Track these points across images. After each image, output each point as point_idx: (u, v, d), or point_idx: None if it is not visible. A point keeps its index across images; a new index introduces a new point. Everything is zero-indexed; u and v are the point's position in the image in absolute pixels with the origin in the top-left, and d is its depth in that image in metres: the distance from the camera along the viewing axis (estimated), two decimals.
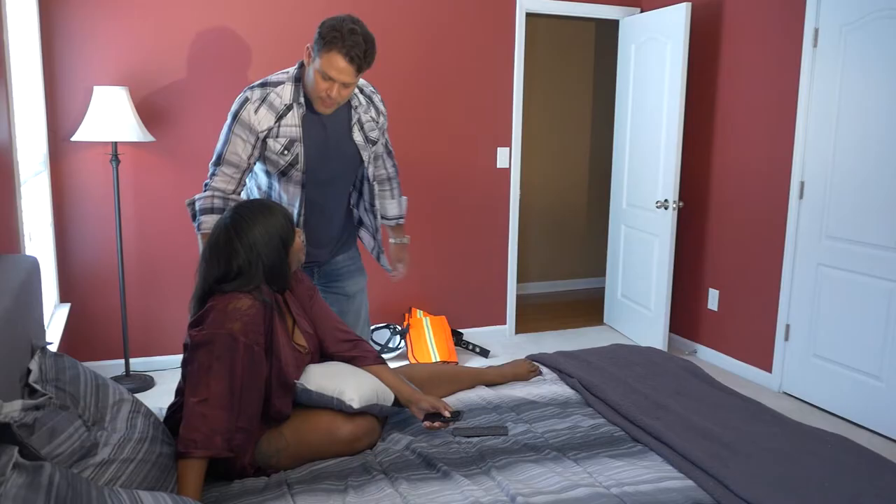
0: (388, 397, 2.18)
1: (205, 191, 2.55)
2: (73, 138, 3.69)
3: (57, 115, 3.88)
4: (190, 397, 1.87)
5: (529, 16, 5.74)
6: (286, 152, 2.53)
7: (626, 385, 2.56)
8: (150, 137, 3.80)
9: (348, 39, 2.36)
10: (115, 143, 3.81)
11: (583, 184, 6.63)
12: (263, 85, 2.53)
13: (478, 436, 2.21)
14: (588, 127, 6.57)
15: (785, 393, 4.13)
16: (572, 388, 2.61)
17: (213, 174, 2.55)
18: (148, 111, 4.04)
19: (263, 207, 2.10)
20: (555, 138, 6.45)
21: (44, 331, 2.20)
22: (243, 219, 2.06)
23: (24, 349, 1.90)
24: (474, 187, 4.85)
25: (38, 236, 3.53)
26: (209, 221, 2.50)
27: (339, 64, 2.37)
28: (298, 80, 2.54)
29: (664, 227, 4.61)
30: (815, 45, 3.83)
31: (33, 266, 2.22)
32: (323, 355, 2.28)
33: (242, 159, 2.52)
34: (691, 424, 2.24)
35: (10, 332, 1.76)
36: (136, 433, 1.83)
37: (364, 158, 2.72)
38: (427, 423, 2.16)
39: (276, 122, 2.49)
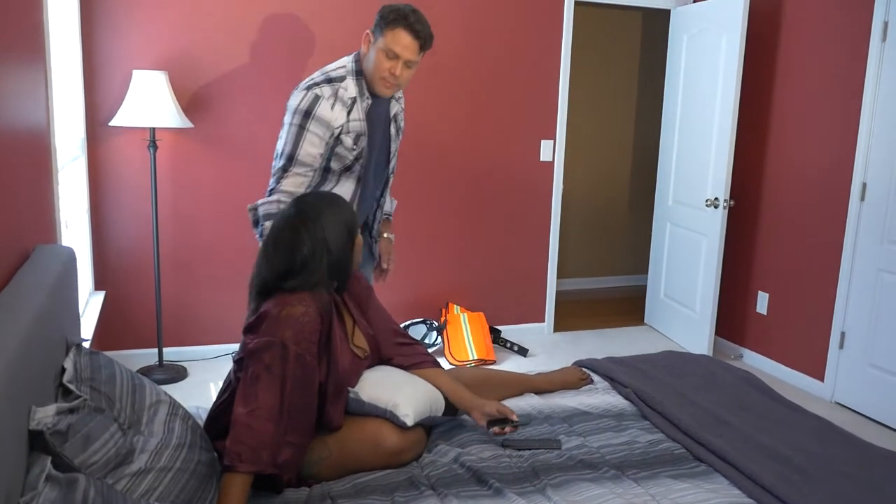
0: (439, 407, 2.07)
1: (270, 195, 2.47)
2: (111, 123, 3.62)
3: (95, 100, 3.81)
4: (239, 407, 1.77)
5: (578, 4, 5.57)
6: (355, 147, 2.54)
7: (684, 397, 2.42)
8: (188, 124, 3.72)
9: (412, 17, 2.42)
10: (153, 128, 3.73)
11: (625, 178, 6.45)
12: (329, 81, 2.51)
13: (529, 449, 2.08)
14: (632, 120, 6.39)
15: (838, 403, 3.95)
16: (626, 398, 2.47)
17: (283, 177, 2.47)
18: (187, 97, 3.95)
19: (331, 198, 2.00)
20: (597, 131, 6.28)
21: (79, 326, 2.12)
22: (311, 207, 1.95)
23: (59, 346, 1.81)
24: (516, 181, 4.71)
25: (74, 223, 3.46)
26: None
27: (404, 40, 2.42)
28: (359, 73, 2.54)
29: (713, 226, 4.43)
30: (883, 40, 3.62)
31: (70, 258, 2.14)
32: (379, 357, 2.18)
33: (316, 158, 2.48)
34: (757, 443, 2.10)
35: (45, 328, 1.67)
36: (174, 438, 1.74)
37: (393, 150, 2.75)
38: (496, 430, 2.03)
39: (347, 118, 2.50)
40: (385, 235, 2.94)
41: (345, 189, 2.62)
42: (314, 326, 1.83)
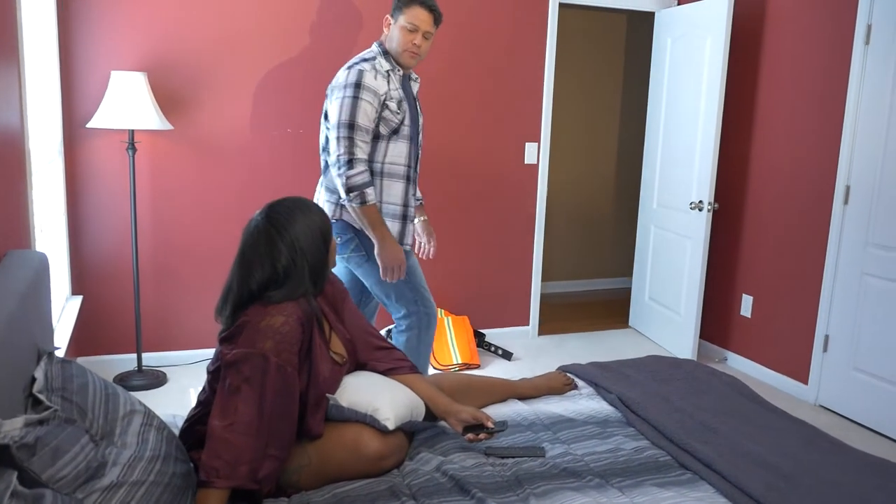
0: (420, 412, 2.03)
1: (353, 167, 2.76)
2: (89, 125, 3.56)
3: (72, 101, 3.74)
4: (215, 420, 1.72)
5: (562, 7, 5.55)
6: (399, 110, 2.89)
7: (669, 403, 2.39)
8: (168, 125, 3.66)
9: None
10: (132, 130, 3.67)
11: (610, 181, 6.44)
12: (365, 60, 2.86)
13: (513, 457, 2.05)
14: (617, 122, 6.38)
15: (822, 406, 3.95)
16: (611, 404, 2.45)
17: (355, 144, 2.77)
18: (166, 98, 3.89)
19: (300, 203, 1.95)
20: (581, 134, 6.27)
21: (52, 334, 2.06)
22: (282, 216, 1.90)
23: (30, 355, 1.76)
24: (500, 183, 4.68)
25: (50, 226, 3.40)
26: (372, 192, 2.80)
27: (421, 15, 2.85)
28: (385, 53, 2.92)
29: (698, 229, 4.42)
30: (867, 43, 3.63)
31: (42, 264, 2.08)
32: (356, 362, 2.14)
33: (370, 124, 2.82)
34: (743, 450, 2.08)
35: (15, 337, 1.62)
36: (148, 450, 1.69)
37: (421, 124, 3.10)
38: (470, 436, 2.00)
39: (388, 86, 2.85)
40: (423, 218, 3.25)
41: (398, 151, 2.91)
42: (295, 337, 1.79)
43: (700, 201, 4.38)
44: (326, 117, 2.91)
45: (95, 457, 1.55)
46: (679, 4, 4.87)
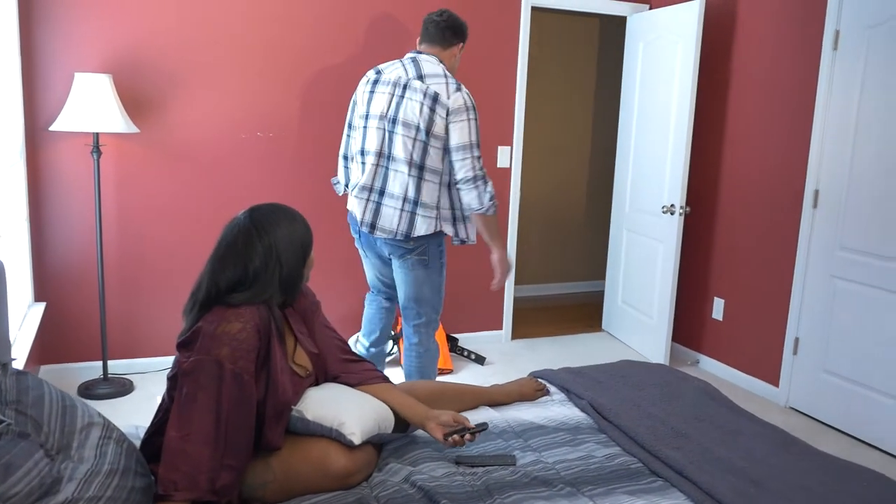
0: (389, 424, 1.99)
1: (485, 182, 3.01)
2: (52, 128, 3.48)
3: (35, 103, 3.66)
4: (172, 431, 1.67)
5: (535, 10, 5.55)
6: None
7: (641, 409, 2.38)
8: (134, 128, 3.59)
9: None
10: (97, 133, 3.59)
11: (582, 184, 6.45)
12: (458, 82, 3.07)
13: (483, 465, 2.02)
14: (589, 126, 6.39)
15: (792, 408, 3.97)
16: (582, 410, 2.43)
17: (481, 164, 3.03)
18: (132, 100, 3.82)
19: (287, 210, 1.92)
20: (554, 137, 6.27)
21: (9, 343, 2.00)
22: (266, 219, 1.86)
23: None
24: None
25: (12, 231, 3.31)
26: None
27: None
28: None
29: (670, 232, 4.44)
30: (835, 48, 3.66)
31: None
32: (325, 375, 2.09)
33: None
34: (714, 456, 2.07)
35: None
36: (106, 464, 1.64)
37: None
38: (456, 437, 1.95)
39: None
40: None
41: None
42: (251, 344, 1.75)
43: (672, 205, 4.39)
44: (419, 129, 2.97)
45: (50, 472, 1.50)
46: (651, 9, 4.89)
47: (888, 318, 3.43)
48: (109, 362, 3.99)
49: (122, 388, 3.78)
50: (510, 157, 4.71)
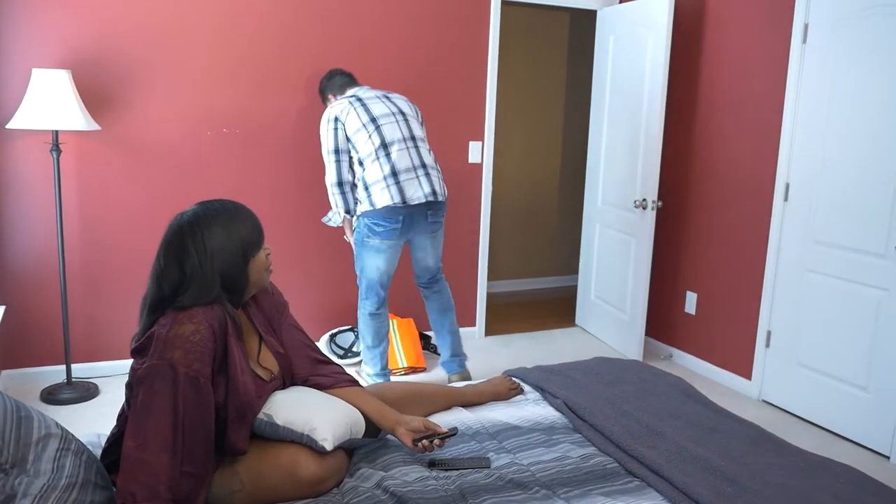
0: (360, 428, 1.94)
1: None
2: (9, 125, 3.36)
3: None
4: (128, 440, 1.60)
5: (505, 4, 5.51)
6: None
7: (615, 407, 2.36)
8: (94, 126, 3.49)
9: None
10: (56, 131, 3.48)
11: (554, 179, 6.43)
12: None
13: (457, 468, 1.98)
14: (561, 121, 6.37)
15: (764, 401, 3.99)
16: (557, 409, 2.40)
17: None
18: (93, 97, 3.71)
19: (229, 209, 1.83)
20: (525, 132, 6.24)
21: None
22: (203, 217, 1.79)
23: None
24: (445, 183, 4.60)
25: None
26: None
27: None
28: None
29: (643, 227, 4.43)
30: (804, 41, 3.66)
31: None
32: (292, 377, 2.03)
33: None
34: (690, 455, 2.04)
35: None
36: (64, 477, 1.57)
37: None
38: (425, 443, 1.91)
39: None
40: None
41: None
42: (206, 346, 1.68)
43: (644, 199, 4.38)
44: (416, 116, 3.73)
45: (3, 488, 1.43)
46: (621, 3, 4.87)
47: (859, 310, 3.45)
48: (73, 366, 3.88)
49: (86, 392, 3.68)
50: (481, 152, 4.67)
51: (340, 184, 3.54)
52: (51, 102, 3.35)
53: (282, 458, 1.78)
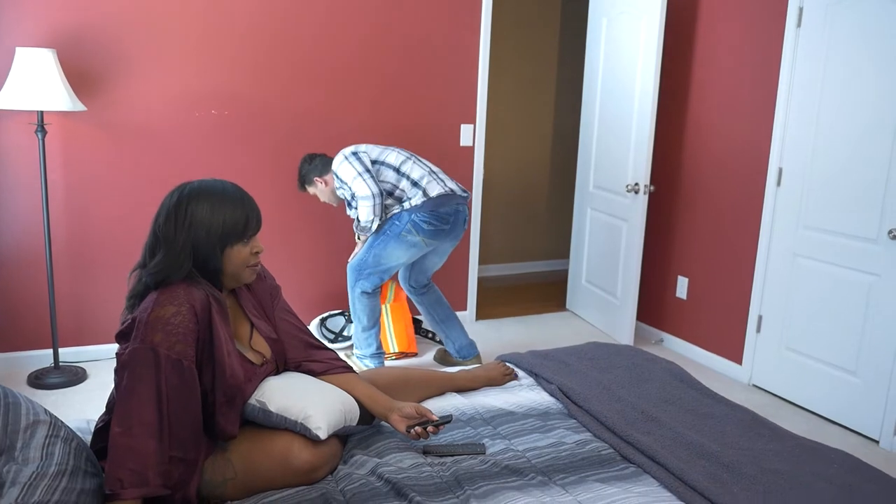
0: (354, 415, 1.91)
1: None
2: None
3: None
4: (115, 427, 1.57)
5: None
6: None
7: (610, 392, 2.34)
8: (80, 106, 3.43)
9: None
10: (41, 111, 3.42)
11: (546, 163, 6.40)
12: None
13: (452, 455, 1.96)
14: (552, 104, 6.33)
15: (755, 386, 4.00)
16: (551, 395, 2.39)
17: None
18: (78, 77, 3.64)
19: (229, 191, 1.77)
20: (517, 115, 6.20)
21: None
22: (197, 189, 1.75)
23: None
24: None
25: None
26: None
27: None
28: None
29: (635, 211, 4.41)
30: (798, 25, 3.64)
31: None
32: (285, 362, 2.01)
33: None
34: (686, 440, 2.04)
35: None
36: (53, 465, 1.54)
37: None
38: (418, 430, 1.89)
39: None
40: None
41: None
42: (188, 328, 1.64)
43: (636, 184, 4.37)
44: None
45: None
46: None
47: (850, 295, 3.46)
48: (60, 350, 3.83)
49: (74, 376, 3.64)
50: (473, 135, 4.63)
51: (380, 194, 3.55)
52: (35, 82, 3.28)
53: (275, 446, 1.75)
